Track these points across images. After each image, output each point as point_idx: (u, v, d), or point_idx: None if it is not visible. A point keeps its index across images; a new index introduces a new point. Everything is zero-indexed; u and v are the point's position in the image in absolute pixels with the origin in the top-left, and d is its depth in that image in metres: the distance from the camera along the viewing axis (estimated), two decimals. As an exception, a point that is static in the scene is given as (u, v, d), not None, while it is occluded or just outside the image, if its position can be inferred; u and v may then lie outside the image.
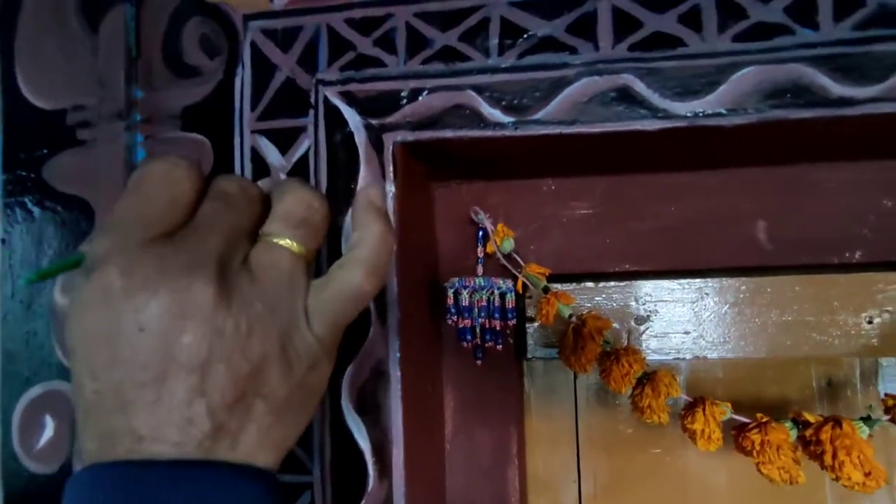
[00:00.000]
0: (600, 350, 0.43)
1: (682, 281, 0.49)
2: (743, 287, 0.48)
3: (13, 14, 0.45)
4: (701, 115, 0.36)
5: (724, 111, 0.36)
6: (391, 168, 0.39)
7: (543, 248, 0.48)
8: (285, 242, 0.25)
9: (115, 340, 0.21)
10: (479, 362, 0.47)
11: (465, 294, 0.43)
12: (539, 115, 0.37)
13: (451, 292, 0.44)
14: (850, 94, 0.34)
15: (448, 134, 0.38)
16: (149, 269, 0.22)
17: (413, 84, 0.39)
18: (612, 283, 0.49)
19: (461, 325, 0.44)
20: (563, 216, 0.48)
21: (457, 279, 0.44)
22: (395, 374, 0.39)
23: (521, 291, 0.45)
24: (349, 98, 0.40)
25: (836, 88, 0.34)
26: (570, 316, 0.44)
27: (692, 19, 0.36)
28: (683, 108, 0.36)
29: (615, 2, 0.37)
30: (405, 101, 0.39)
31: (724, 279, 0.48)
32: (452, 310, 0.44)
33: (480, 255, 0.47)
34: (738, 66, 0.35)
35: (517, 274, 0.45)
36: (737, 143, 0.38)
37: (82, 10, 0.44)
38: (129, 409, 0.21)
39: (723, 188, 0.46)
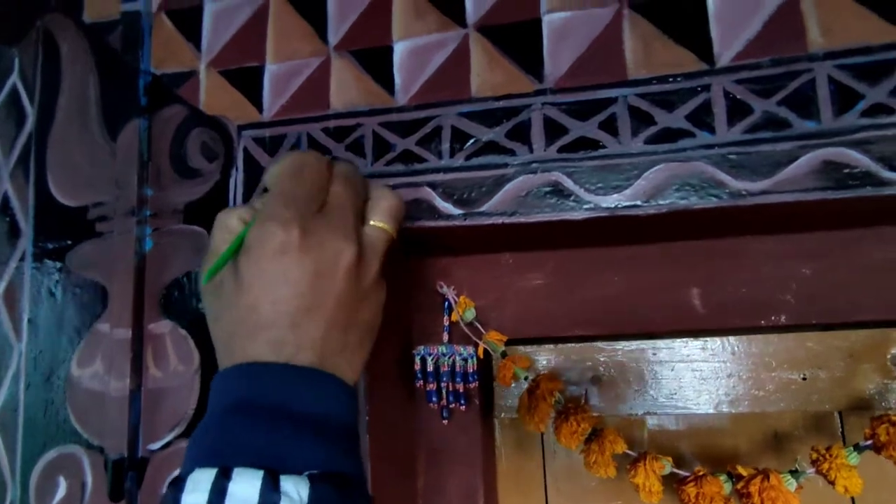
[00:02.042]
0: (552, 409, 0.48)
1: (634, 343, 0.54)
2: (688, 346, 0.53)
3: (46, 126, 0.54)
4: (621, 206, 0.42)
5: (640, 203, 0.42)
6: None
7: (503, 315, 0.53)
8: (386, 227, 0.36)
9: (293, 278, 0.30)
10: (445, 422, 0.51)
11: (430, 361, 0.49)
12: (484, 208, 0.44)
13: (417, 359, 0.50)
14: (745, 187, 0.40)
15: (408, 224, 0.45)
16: (318, 234, 0.31)
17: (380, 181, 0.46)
18: (570, 345, 0.54)
19: (428, 389, 0.49)
20: (520, 287, 0.54)
21: (423, 347, 0.50)
22: (364, 437, 0.44)
23: (481, 356, 0.51)
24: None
25: (734, 183, 0.40)
26: (526, 378, 0.49)
27: (609, 125, 0.43)
28: (605, 200, 0.42)
29: (546, 112, 0.44)
30: (372, 196, 0.46)
31: (673, 341, 0.53)
32: (419, 374, 0.49)
33: (446, 323, 0.52)
34: (650, 163, 0.42)
35: (478, 341, 0.51)
36: (656, 227, 0.44)
37: (104, 122, 0.53)
38: (295, 327, 0.30)
39: (659, 260, 0.51)
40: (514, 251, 0.54)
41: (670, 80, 0.42)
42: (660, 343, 0.53)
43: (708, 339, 0.52)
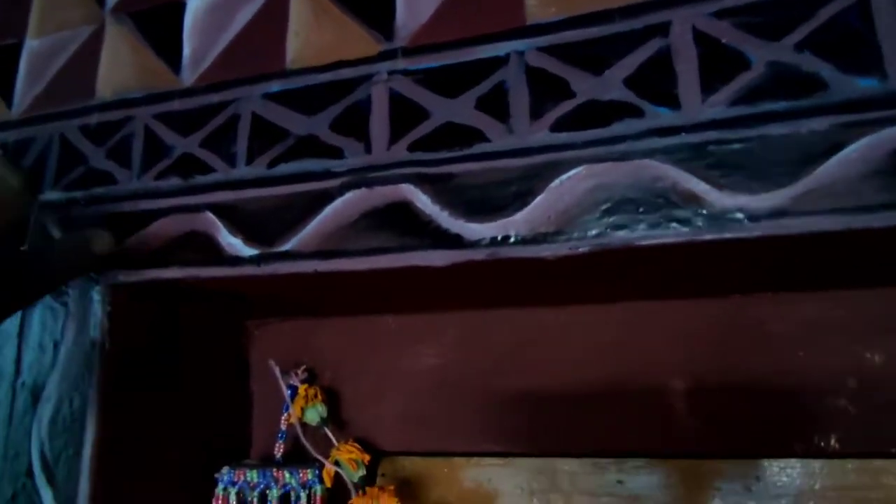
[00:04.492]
0: None
1: (571, 465, 0.33)
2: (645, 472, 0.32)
3: None
4: (509, 242, 0.23)
5: (542, 233, 0.23)
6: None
7: (379, 413, 0.34)
8: None
9: None
10: None
11: (232, 495, 0.30)
12: (289, 246, 0.26)
13: (219, 490, 0.31)
14: (740, 204, 0.21)
15: (172, 272, 0.27)
16: None
17: (142, 205, 0.29)
18: (485, 463, 0.34)
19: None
20: (405, 368, 0.35)
21: (227, 470, 0.31)
22: None
23: (329, 485, 0.31)
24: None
25: (718, 197, 0.21)
26: (392, 530, 0.29)
27: (494, 102, 0.24)
28: (483, 231, 0.23)
29: (394, 84, 0.26)
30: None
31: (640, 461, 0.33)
32: (216, 518, 0.30)
33: (283, 426, 0.33)
34: (563, 165, 0.23)
35: (321, 460, 0.31)
36: (582, 278, 0.25)
37: None
38: None
39: (618, 329, 0.31)
40: (396, 313, 0.35)
41: (598, 21, 0.24)
42: (608, 474, 0.33)
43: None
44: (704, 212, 0.21)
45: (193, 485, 0.31)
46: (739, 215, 0.21)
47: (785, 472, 0.31)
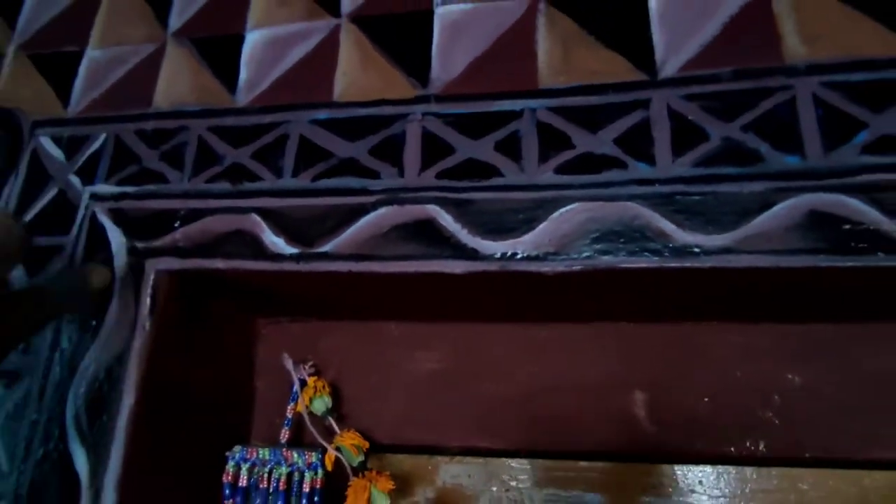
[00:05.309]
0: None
1: (559, 471, 0.38)
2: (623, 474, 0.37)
3: None
4: (517, 258, 0.28)
5: (543, 254, 0.28)
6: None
7: (382, 410, 0.38)
8: None
9: None
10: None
11: (244, 470, 0.33)
12: (327, 248, 0.30)
13: (229, 466, 0.34)
14: (698, 242, 0.27)
15: (221, 264, 0.31)
16: None
17: (192, 204, 0.33)
18: (474, 461, 0.39)
19: (239, 516, 0.33)
20: (406, 370, 0.39)
21: (239, 450, 0.34)
22: None
23: (330, 468, 0.35)
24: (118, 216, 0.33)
25: (681, 235, 0.27)
26: (386, 510, 0.33)
27: (510, 146, 0.30)
28: (496, 248, 0.29)
29: (427, 124, 0.32)
30: (178, 223, 0.32)
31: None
32: (227, 490, 0.33)
33: (290, 414, 0.37)
34: (562, 201, 0.29)
35: (325, 444, 0.35)
36: (574, 295, 0.30)
37: None
38: None
39: (591, 347, 0.37)
40: (400, 320, 0.40)
41: (596, 92, 0.30)
42: (591, 473, 0.37)
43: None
44: (671, 245, 0.27)
45: (207, 457, 0.34)
46: (696, 249, 0.27)
47: (723, 478, 0.36)
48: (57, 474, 0.30)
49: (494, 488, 0.38)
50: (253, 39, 0.36)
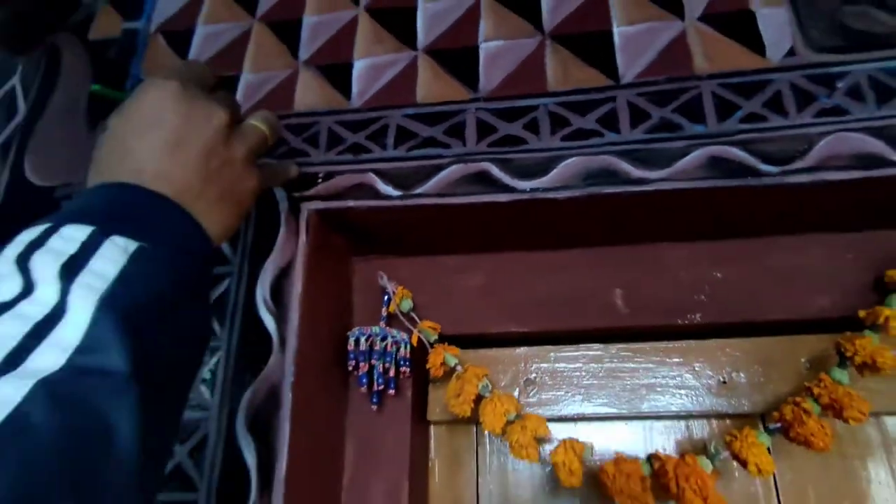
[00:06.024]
0: (477, 394, 0.48)
1: (565, 351, 0.55)
2: (613, 352, 0.55)
3: (34, 118, 0.59)
4: (540, 190, 0.47)
5: (556, 187, 0.47)
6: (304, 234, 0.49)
7: (440, 312, 0.56)
8: (260, 125, 0.40)
9: (165, 119, 0.33)
10: (374, 407, 0.51)
11: (363, 341, 0.50)
12: (420, 190, 0.48)
13: (351, 340, 0.51)
14: (644, 176, 0.46)
15: (351, 203, 0.49)
16: (196, 94, 0.35)
17: (328, 168, 0.51)
18: (507, 351, 0.56)
19: (359, 372, 0.50)
20: (457, 286, 0.57)
21: (358, 329, 0.51)
22: (287, 396, 0.44)
23: (415, 344, 0.52)
24: (278, 178, 0.51)
25: (636, 172, 0.46)
26: (456, 365, 0.50)
27: (532, 126, 0.49)
28: (526, 185, 0.47)
29: (479, 115, 0.50)
30: (320, 180, 0.50)
31: (599, 346, 0.55)
32: (352, 356, 0.50)
33: (384, 313, 0.54)
34: (565, 157, 0.47)
35: (412, 328, 0.52)
36: (573, 216, 0.49)
37: (90, 118, 0.58)
38: (157, 160, 0.32)
39: (585, 264, 0.55)
40: (453, 253, 0.58)
41: (583, 93, 0.49)
42: (589, 352, 0.55)
43: (632, 343, 0.54)
44: (631, 178, 0.46)
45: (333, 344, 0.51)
46: (644, 180, 0.45)
47: (674, 343, 0.54)
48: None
49: (521, 368, 0.55)
50: (359, 66, 0.55)
